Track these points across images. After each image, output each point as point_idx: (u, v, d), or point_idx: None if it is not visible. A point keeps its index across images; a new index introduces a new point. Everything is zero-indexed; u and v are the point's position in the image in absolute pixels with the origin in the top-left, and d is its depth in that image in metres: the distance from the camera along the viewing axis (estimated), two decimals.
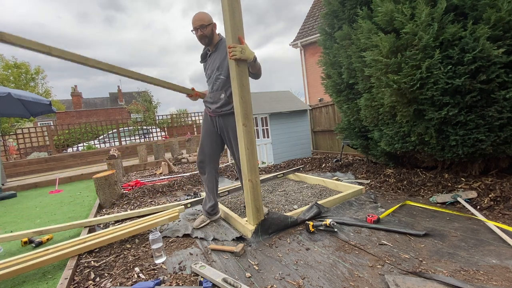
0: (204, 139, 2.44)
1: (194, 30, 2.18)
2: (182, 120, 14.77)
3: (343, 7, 3.38)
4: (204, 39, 2.20)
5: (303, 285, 1.49)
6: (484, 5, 2.11)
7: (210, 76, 2.34)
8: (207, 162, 2.43)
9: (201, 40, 2.22)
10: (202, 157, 2.43)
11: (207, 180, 2.46)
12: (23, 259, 1.90)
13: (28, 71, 18.04)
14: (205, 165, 2.43)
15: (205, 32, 2.17)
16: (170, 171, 5.98)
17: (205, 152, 2.43)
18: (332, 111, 5.84)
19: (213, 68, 2.29)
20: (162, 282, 1.61)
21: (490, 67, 2.13)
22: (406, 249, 1.75)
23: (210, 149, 2.43)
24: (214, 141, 2.43)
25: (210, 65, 2.33)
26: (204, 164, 2.44)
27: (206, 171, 2.44)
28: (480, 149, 2.38)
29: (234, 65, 1.96)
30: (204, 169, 2.45)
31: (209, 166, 2.44)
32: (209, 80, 2.37)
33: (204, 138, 2.44)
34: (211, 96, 2.34)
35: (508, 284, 1.33)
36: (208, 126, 2.44)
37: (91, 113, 22.96)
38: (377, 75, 2.66)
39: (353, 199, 2.72)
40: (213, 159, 2.45)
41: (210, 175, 2.45)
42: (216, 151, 2.46)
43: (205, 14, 2.17)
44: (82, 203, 3.95)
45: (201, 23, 2.14)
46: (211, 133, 2.42)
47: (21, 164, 8.25)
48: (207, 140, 2.43)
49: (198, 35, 2.18)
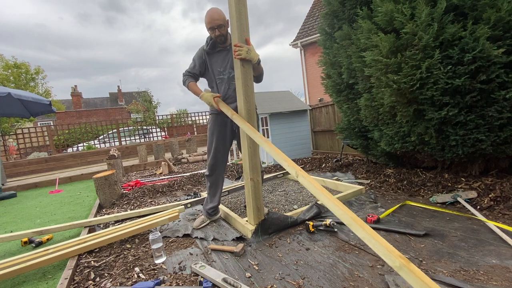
0: (218, 142, 2.36)
1: (210, 29, 2.13)
2: (182, 120, 14.78)
3: (343, 7, 3.38)
4: (221, 38, 2.17)
5: (303, 285, 1.49)
6: (484, 5, 2.11)
7: (220, 73, 2.29)
8: (219, 165, 2.41)
9: (217, 39, 2.17)
10: (214, 161, 2.38)
11: (215, 181, 2.43)
12: (23, 259, 1.90)
13: (28, 71, 18.03)
14: (217, 167, 2.41)
15: (223, 31, 2.14)
16: (170, 171, 5.98)
17: (217, 156, 2.38)
18: (332, 111, 5.84)
19: (227, 67, 2.25)
20: (162, 282, 1.61)
21: (490, 67, 2.13)
22: (406, 249, 1.75)
23: (223, 152, 2.41)
24: (226, 144, 2.41)
25: (221, 63, 2.27)
26: (215, 167, 2.40)
27: (216, 173, 2.42)
28: (480, 149, 2.38)
29: (239, 65, 1.97)
30: (214, 171, 2.41)
31: (219, 169, 2.42)
32: (219, 78, 2.31)
33: (218, 141, 2.36)
34: (229, 96, 2.29)
35: (508, 284, 1.33)
36: (221, 128, 2.36)
37: (91, 113, 22.98)
38: (377, 75, 2.66)
39: (353, 199, 2.72)
40: (223, 161, 2.44)
41: (218, 177, 2.44)
42: (227, 154, 2.46)
43: (220, 12, 2.12)
44: (82, 203, 3.95)
45: (219, 23, 2.09)
46: (224, 136, 2.37)
47: (21, 164, 8.25)
48: (221, 143, 2.37)
49: (216, 35, 2.14)
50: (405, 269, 1.04)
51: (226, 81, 2.29)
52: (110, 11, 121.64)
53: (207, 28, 2.16)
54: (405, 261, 1.06)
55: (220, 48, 2.26)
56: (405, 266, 1.05)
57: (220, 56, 2.27)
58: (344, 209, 1.31)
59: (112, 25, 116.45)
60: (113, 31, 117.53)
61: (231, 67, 2.22)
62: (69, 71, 65.34)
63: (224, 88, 2.31)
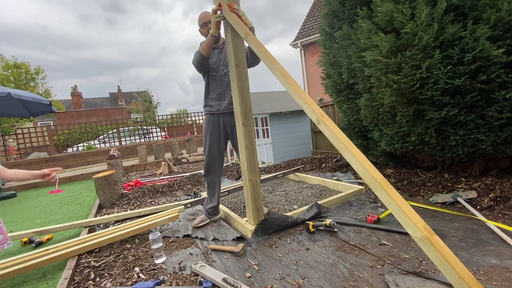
0: (211, 142, 2.40)
1: (203, 25, 2.26)
2: (182, 120, 14.77)
3: (343, 7, 3.38)
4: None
5: (303, 285, 1.49)
6: (484, 5, 2.11)
7: (214, 70, 2.33)
8: (215, 165, 2.43)
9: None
10: (210, 160, 2.42)
11: (212, 181, 2.45)
12: (23, 259, 1.91)
13: (28, 71, 18.02)
14: (212, 167, 2.43)
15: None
16: (170, 171, 5.97)
17: (213, 155, 2.41)
18: (332, 111, 5.84)
19: (220, 64, 2.32)
20: (162, 282, 1.61)
21: (490, 67, 2.13)
22: (406, 249, 1.75)
23: (218, 152, 2.42)
24: (221, 143, 2.43)
25: (215, 60, 2.34)
26: (211, 166, 2.43)
27: (212, 173, 2.44)
28: (480, 149, 2.38)
29: (234, 65, 1.96)
30: (210, 171, 2.44)
31: (215, 169, 2.44)
32: (212, 75, 2.35)
33: (212, 141, 2.40)
34: (219, 93, 2.34)
35: (508, 284, 1.33)
36: (214, 127, 2.40)
37: (91, 113, 22.97)
38: (377, 75, 2.66)
39: (353, 199, 2.72)
40: (219, 161, 2.45)
41: (215, 177, 2.45)
42: (222, 153, 2.47)
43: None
44: (82, 203, 3.95)
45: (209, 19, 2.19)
46: (217, 135, 2.40)
47: (21, 164, 8.25)
48: (214, 143, 2.40)
49: (207, 29, 2.24)
50: (426, 241, 0.98)
51: (218, 77, 2.35)
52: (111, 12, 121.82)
53: (200, 24, 2.31)
54: (429, 234, 0.99)
55: (213, 47, 2.34)
56: (426, 238, 0.98)
57: (213, 55, 2.35)
58: (369, 168, 1.15)
59: (113, 25, 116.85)
60: (114, 32, 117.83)
61: (224, 65, 2.31)
62: (69, 71, 65.40)
63: (215, 85, 2.38)
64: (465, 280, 0.93)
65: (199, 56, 2.20)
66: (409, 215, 1.03)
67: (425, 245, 1.00)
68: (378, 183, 1.11)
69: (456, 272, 0.94)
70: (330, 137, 1.27)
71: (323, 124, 1.28)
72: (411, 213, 1.04)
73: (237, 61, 1.96)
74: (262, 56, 1.65)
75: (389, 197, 1.08)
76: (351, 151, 1.20)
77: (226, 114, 2.36)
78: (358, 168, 1.18)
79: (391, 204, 1.08)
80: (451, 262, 0.94)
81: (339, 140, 1.23)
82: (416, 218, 1.04)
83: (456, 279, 0.95)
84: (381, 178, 1.12)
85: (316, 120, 1.32)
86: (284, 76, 1.50)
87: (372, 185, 1.14)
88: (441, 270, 0.98)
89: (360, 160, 1.18)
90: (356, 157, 1.19)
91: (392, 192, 1.09)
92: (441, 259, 0.95)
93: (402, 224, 1.06)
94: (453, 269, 0.94)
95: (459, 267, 0.95)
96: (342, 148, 1.23)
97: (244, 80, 2.02)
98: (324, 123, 1.27)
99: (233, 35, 1.93)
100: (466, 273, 0.95)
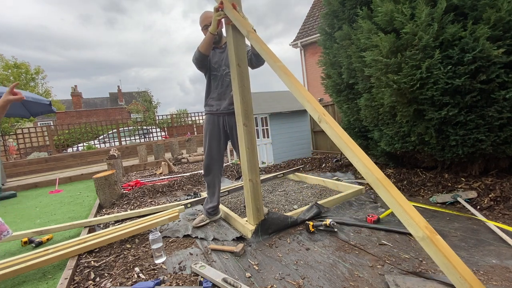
0: (211, 142, 2.40)
1: (205, 27, 2.23)
2: (182, 120, 14.78)
3: (343, 7, 3.38)
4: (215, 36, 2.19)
5: (303, 285, 1.49)
6: (484, 5, 2.11)
7: (215, 69, 2.33)
8: (214, 165, 2.43)
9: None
10: (209, 160, 2.42)
11: (211, 182, 2.46)
12: (23, 259, 1.91)
13: (28, 71, 18.01)
14: (212, 167, 2.43)
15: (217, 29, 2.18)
16: (170, 171, 5.97)
17: (212, 155, 2.41)
18: (332, 111, 5.84)
19: (222, 64, 2.31)
20: (162, 282, 1.61)
21: (490, 67, 2.13)
22: (406, 249, 1.75)
23: (217, 152, 2.42)
24: (221, 143, 2.43)
25: (217, 60, 2.34)
26: (211, 166, 2.43)
27: (212, 173, 2.44)
28: (480, 149, 2.38)
29: (235, 65, 1.97)
30: (210, 171, 2.44)
31: (215, 169, 2.44)
32: (213, 74, 2.35)
33: (211, 141, 2.40)
34: (220, 93, 2.34)
35: (508, 284, 1.33)
36: (214, 127, 2.40)
37: (91, 113, 22.97)
38: (377, 75, 2.66)
39: (353, 199, 2.72)
40: (219, 161, 2.46)
41: (215, 177, 2.45)
42: (222, 153, 2.47)
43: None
44: (82, 203, 3.95)
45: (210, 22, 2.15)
46: (217, 136, 2.40)
47: (21, 164, 8.24)
48: (214, 143, 2.40)
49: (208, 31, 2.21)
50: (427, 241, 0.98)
51: (219, 77, 2.35)
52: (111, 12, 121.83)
53: (202, 26, 2.29)
54: (430, 233, 0.99)
55: (215, 47, 2.34)
56: (428, 237, 0.98)
57: (215, 55, 2.35)
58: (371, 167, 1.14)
59: (113, 25, 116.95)
60: (114, 32, 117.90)
61: (225, 65, 2.30)
62: (70, 71, 65.42)
63: (216, 85, 2.37)
64: (466, 280, 0.93)
65: (198, 53, 2.20)
66: (411, 214, 1.03)
67: (427, 244, 0.99)
68: (380, 182, 1.11)
69: (458, 271, 0.94)
70: (331, 135, 1.26)
71: (324, 122, 1.27)
72: (413, 212, 1.04)
73: (238, 61, 1.97)
74: (264, 54, 1.64)
75: (391, 196, 1.07)
76: (352, 150, 1.20)
77: (226, 114, 2.36)
78: (360, 167, 1.17)
79: (392, 203, 1.07)
80: (453, 262, 0.94)
81: (340, 138, 1.23)
82: (418, 217, 1.03)
83: (458, 278, 0.95)
84: (382, 177, 1.12)
85: (318, 119, 1.31)
86: (286, 74, 1.50)
87: (373, 184, 1.14)
88: (443, 269, 0.98)
89: (361, 159, 1.17)
90: (357, 156, 1.18)
91: (393, 191, 1.08)
92: (442, 258, 0.95)
93: (404, 223, 1.05)
94: (455, 269, 0.94)
95: (461, 267, 0.95)
96: (344, 146, 1.22)
97: (245, 80, 2.02)
98: (326, 122, 1.26)
99: (234, 34, 1.93)
100: (468, 273, 0.95)
